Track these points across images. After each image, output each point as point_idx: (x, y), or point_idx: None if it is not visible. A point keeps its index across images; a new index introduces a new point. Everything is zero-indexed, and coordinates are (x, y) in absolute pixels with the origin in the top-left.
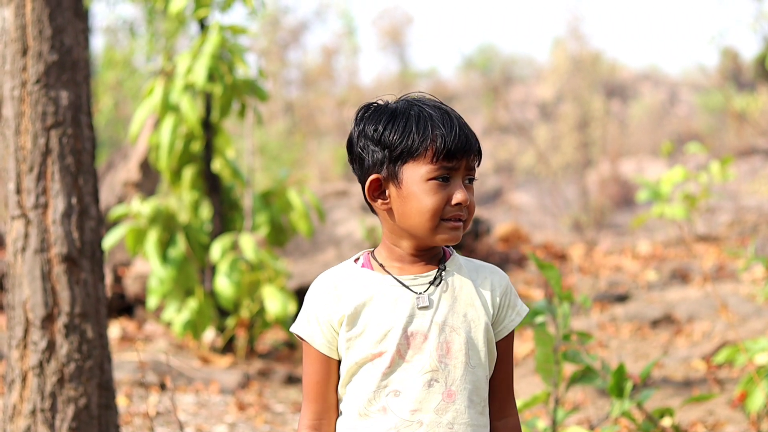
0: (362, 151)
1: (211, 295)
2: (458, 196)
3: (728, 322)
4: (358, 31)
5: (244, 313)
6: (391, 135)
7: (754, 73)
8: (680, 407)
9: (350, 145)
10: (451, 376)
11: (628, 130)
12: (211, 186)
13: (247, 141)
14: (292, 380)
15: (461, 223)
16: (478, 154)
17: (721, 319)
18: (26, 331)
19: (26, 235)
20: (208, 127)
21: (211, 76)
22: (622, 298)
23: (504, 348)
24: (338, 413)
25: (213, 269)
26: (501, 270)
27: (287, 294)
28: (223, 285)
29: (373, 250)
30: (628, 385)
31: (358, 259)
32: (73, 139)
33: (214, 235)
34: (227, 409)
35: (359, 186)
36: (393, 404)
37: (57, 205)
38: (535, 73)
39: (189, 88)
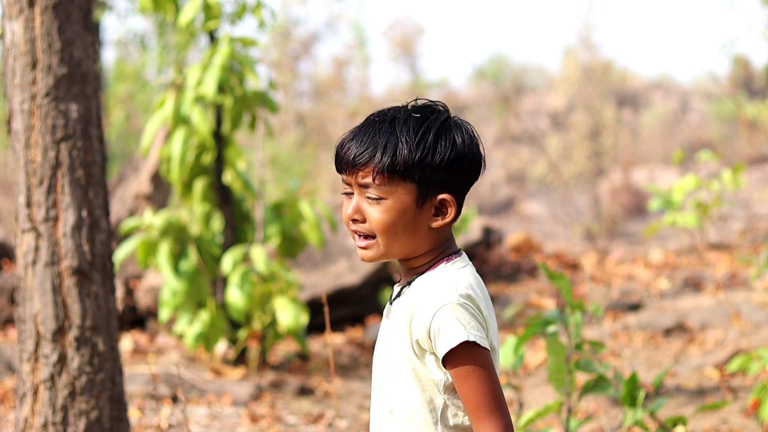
0: None
1: (223, 307)
2: (343, 211)
3: (741, 330)
4: (370, 42)
5: (256, 325)
6: None
7: (766, 81)
8: (693, 416)
9: None
10: (389, 391)
11: (639, 138)
12: (223, 198)
13: (258, 153)
14: (305, 391)
15: (365, 241)
16: (374, 169)
17: (734, 327)
18: (37, 345)
19: (37, 249)
20: (219, 139)
21: (222, 88)
22: (634, 307)
23: (453, 375)
24: None
25: (224, 281)
26: (446, 296)
27: (299, 305)
28: (235, 297)
29: None
30: (641, 394)
31: None
32: (83, 152)
33: (226, 247)
34: (240, 421)
35: None
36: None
37: (67, 218)
38: (546, 82)
39: (199, 100)
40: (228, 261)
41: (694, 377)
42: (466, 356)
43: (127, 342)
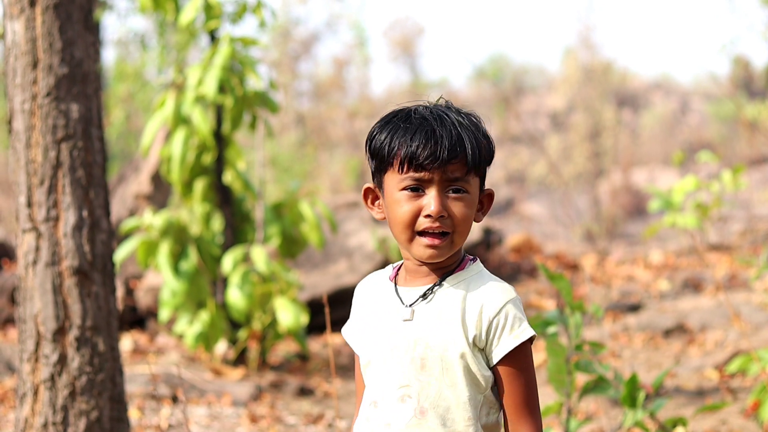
0: (367, 159)
1: (223, 307)
2: (429, 207)
3: (741, 331)
4: (370, 42)
5: (256, 325)
6: (375, 144)
7: (766, 82)
8: (693, 417)
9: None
10: (424, 393)
11: (639, 139)
12: (223, 198)
13: (258, 153)
14: (305, 392)
15: (440, 240)
16: (465, 162)
17: (734, 329)
18: (38, 345)
19: (37, 249)
20: (220, 139)
21: (222, 88)
22: (634, 308)
23: (505, 372)
24: None
25: (225, 281)
26: (507, 291)
27: (299, 306)
28: (235, 297)
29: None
30: (641, 395)
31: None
32: (84, 152)
33: (226, 247)
34: (239, 421)
35: None
36: (373, 415)
37: (68, 218)
38: (546, 82)
39: (200, 100)
40: (228, 261)
41: (693, 378)
42: (525, 353)
43: (127, 342)
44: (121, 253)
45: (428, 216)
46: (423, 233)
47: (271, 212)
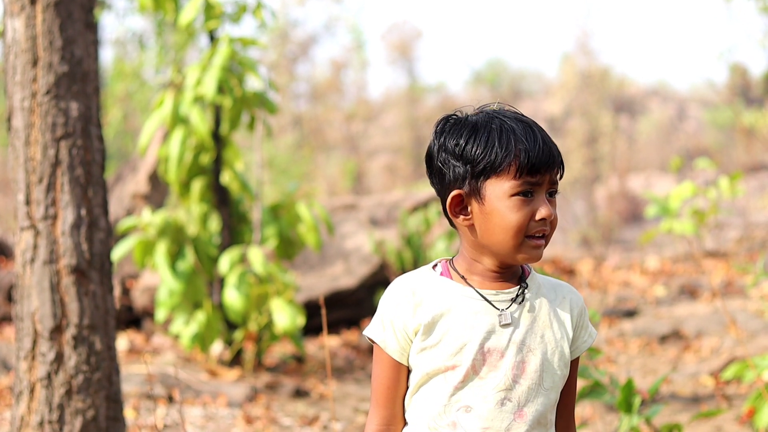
0: (443, 165)
1: (220, 308)
2: (543, 211)
3: (737, 338)
4: (367, 45)
5: (252, 326)
6: (474, 149)
7: (763, 89)
8: (688, 423)
9: (429, 159)
10: (524, 396)
11: (636, 145)
12: (220, 199)
13: (256, 154)
14: (300, 393)
15: (543, 241)
16: (561, 166)
17: (730, 335)
18: (34, 343)
19: (35, 247)
20: (218, 140)
21: (221, 89)
22: (630, 314)
23: (573, 370)
24: (404, 423)
25: (221, 282)
26: (576, 290)
27: (296, 307)
28: (232, 298)
29: (450, 259)
30: (637, 401)
31: (435, 266)
32: (83, 150)
33: (223, 247)
34: (235, 422)
35: (367, 200)
36: (464, 420)
37: (66, 216)
38: (543, 88)
39: (198, 100)
40: (225, 262)
41: (689, 384)
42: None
43: (123, 342)
44: (117, 253)
45: (541, 219)
46: (531, 237)
47: (269, 213)
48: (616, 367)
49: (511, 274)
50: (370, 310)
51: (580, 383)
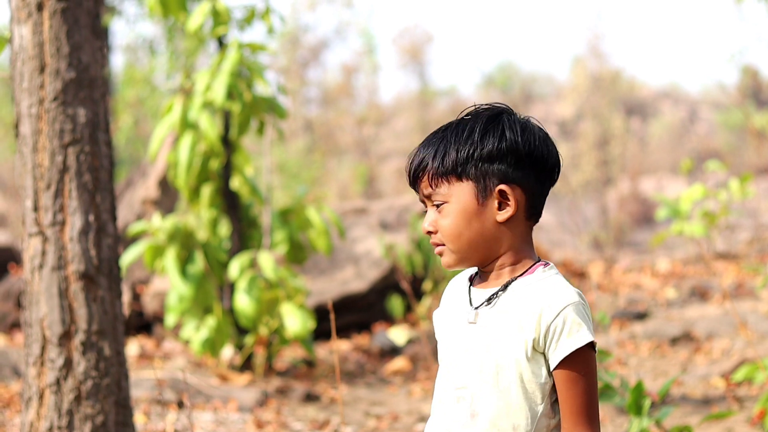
0: None
1: (230, 312)
2: (422, 224)
3: (747, 340)
4: (378, 49)
5: (263, 331)
6: None
7: None
8: (699, 425)
9: None
10: (477, 396)
11: (647, 148)
12: (230, 204)
13: (265, 159)
14: (311, 398)
15: (439, 248)
16: (429, 177)
17: (741, 337)
18: (43, 349)
19: (43, 253)
20: (227, 145)
21: (230, 94)
22: (641, 316)
23: (562, 378)
24: None
25: (231, 287)
26: (569, 295)
27: (306, 311)
28: (243, 303)
29: None
30: (647, 403)
31: None
32: (91, 156)
33: (233, 252)
34: (245, 427)
35: (377, 204)
36: (436, 412)
37: (74, 222)
38: (554, 91)
39: (208, 105)
40: (235, 267)
41: (700, 386)
42: (584, 358)
43: (133, 347)
44: (127, 258)
45: (427, 232)
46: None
47: (279, 218)
48: (627, 369)
49: (503, 274)
50: (381, 314)
51: None
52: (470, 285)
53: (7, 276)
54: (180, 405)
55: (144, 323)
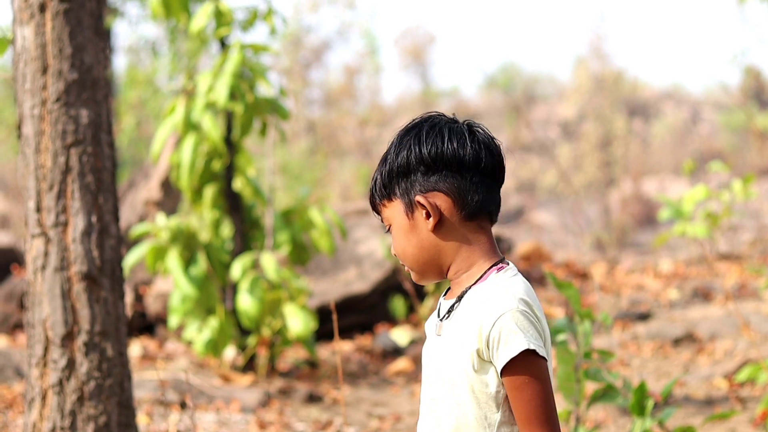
0: None
1: (233, 313)
2: None
3: (750, 341)
4: (381, 50)
5: (265, 332)
6: None
7: None
8: (702, 426)
9: None
10: (439, 407)
11: (650, 148)
12: (232, 205)
13: (268, 160)
14: (313, 399)
15: (407, 268)
16: (377, 203)
17: (743, 338)
18: (46, 350)
19: (46, 254)
20: (230, 146)
21: (233, 95)
22: (643, 317)
23: (508, 386)
24: None
25: (234, 288)
26: (505, 303)
27: (309, 312)
28: (246, 303)
29: None
30: (650, 404)
31: None
32: (93, 157)
33: (235, 253)
34: (248, 427)
35: None
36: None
37: (77, 223)
38: (557, 92)
39: (210, 106)
40: (237, 268)
41: (702, 387)
42: (524, 365)
43: (136, 348)
44: (130, 259)
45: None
46: None
47: (281, 219)
48: (630, 370)
49: (457, 284)
50: (383, 315)
51: (594, 386)
52: (443, 295)
53: (9, 277)
54: (183, 406)
55: (147, 324)
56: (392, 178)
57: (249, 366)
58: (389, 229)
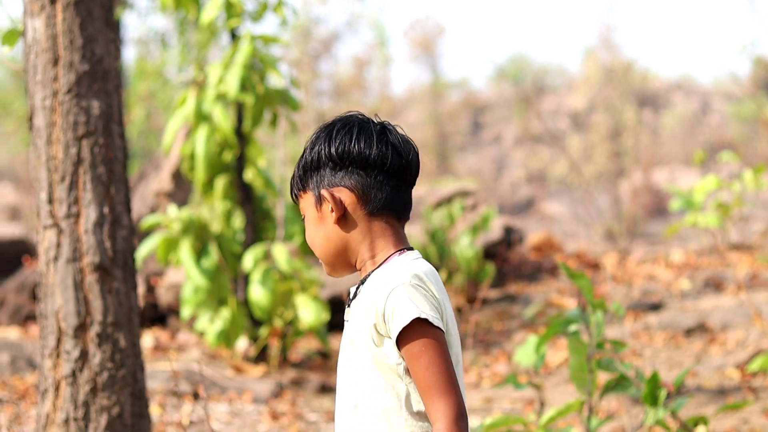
0: None
1: (244, 304)
2: None
3: (762, 331)
4: (390, 41)
5: (277, 323)
6: None
7: None
8: (714, 415)
9: None
10: (353, 388)
11: (660, 139)
12: (244, 196)
13: (279, 150)
14: (325, 389)
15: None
16: (295, 194)
17: (755, 328)
18: (59, 341)
19: (58, 245)
20: (240, 137)
21: (243, 86)
22: (655, 307)
23: (406, 357)
24: None
25: (246, 279)
26: (394, 279)
27: (320, 303)
28: (257, 294)
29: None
30: (662, 394)
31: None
32: (105, 148)
33: (247, 244)
34: (260, 418)
35: None
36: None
37: (89, 214)
38: (567, 82)
39: (221, 98)
40: (249, 259)
41: (715, 377)
42: (417, 334)
43: (148, 339)
44: (142, 250)
45: None
46: None
47: (293, 210)
48: (642, 360)
49: (363, 272)
50: None
51: (607, 376)
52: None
53: (21, 268)
54: (195, 396)
55: (159, 315)
56: (306, 171)
57: (261, 357)
58: (304, 219)
